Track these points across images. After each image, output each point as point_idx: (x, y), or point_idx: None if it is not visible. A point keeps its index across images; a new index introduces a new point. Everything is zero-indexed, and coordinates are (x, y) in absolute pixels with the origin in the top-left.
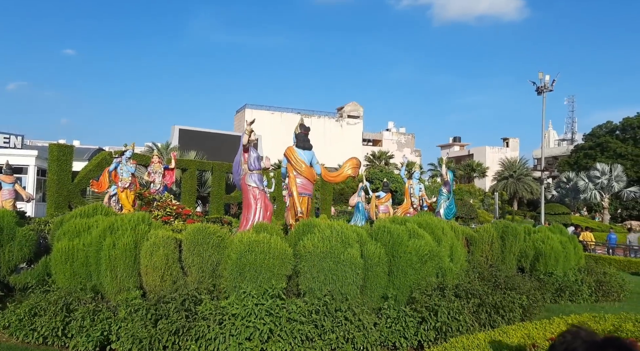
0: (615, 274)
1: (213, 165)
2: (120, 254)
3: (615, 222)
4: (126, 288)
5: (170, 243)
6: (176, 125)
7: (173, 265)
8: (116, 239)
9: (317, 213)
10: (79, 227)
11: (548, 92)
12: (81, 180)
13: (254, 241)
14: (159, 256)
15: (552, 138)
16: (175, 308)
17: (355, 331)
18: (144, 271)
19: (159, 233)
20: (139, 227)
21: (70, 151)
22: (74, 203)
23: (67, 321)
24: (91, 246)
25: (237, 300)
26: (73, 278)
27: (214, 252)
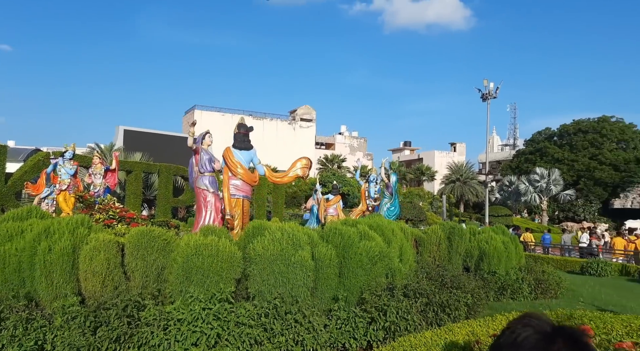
0: (552, 272)
1: (160, 167)
2: (57, 259)
3: (553, 223)
4: (63, 294)
5: (112, 247)
6: (121, 126)
7: (115, 269)
8: (52, 243)
9: (268, 216)
10: (12, 230)
11: (492, 99)
12: (15, 182)
13: (202, 244)
14: (100, 260)
15: (496, 144)
16: (116, 314)
17: (305, 334)
18: (83, 277)
19: (100, 236)
20: (78, 230)
21: (4, 151)
22: (7, 207)
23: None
24: (25, 251)
25: (183, 305)
26: (4, 285)
27: (159, 255)
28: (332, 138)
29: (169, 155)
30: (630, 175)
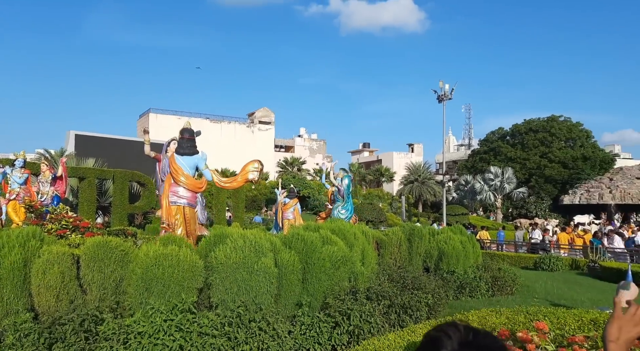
0: (508, 270)
1: (114, 173)
2: (7, 274)
3: (507, 221)
4: (15, 311)
5: (67, 259)
6: (72, 130)
7: (70, 283)
8: (2, 257)
9: (229, 221)
10: None
11: (448, 100)
12: None
13: (161, 254)
14: (54, 274)
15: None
16: (72, 329)
17: (270, 341)
18: (35, 292)
19: (53, 249)
20: (29, 243)
21: None
22: None
23: None
24: None
25: (144, 317)
26: None
27: (116, 267)
28: (291, 141)
29: (123, 161)
30: (577, 172)
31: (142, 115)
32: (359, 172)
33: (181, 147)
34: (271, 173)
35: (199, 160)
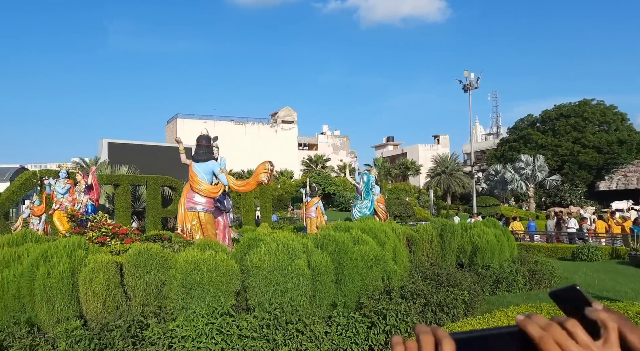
0: (545, 262)
1: (147, 178)
2: (57, 283)
3: (541, 210)
4: (65, 318)
5: (111, 267)
6: (104, 139)
7: (115, 289)
8: (51, 267)
9: (257, 221)
10: (8, 256)
11: (474, 89)
12: (4, 202)
13: (200, 259)
14: (99, 282)
15: (480, 133)
16: (120, 335)
17: (308, 342)
18: (83, 299)
19: (98, 257)
20: (75, 252)
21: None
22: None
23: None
24: (23, 276)
25: (186, 321)
26: (5, 312)
27: (158, 273)
28: (314, 139)
29: (154, 166)
30: (613, 157)
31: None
32: (384, 167)
33: (197, 153)
34: (296, 171)
35: (214, 166)
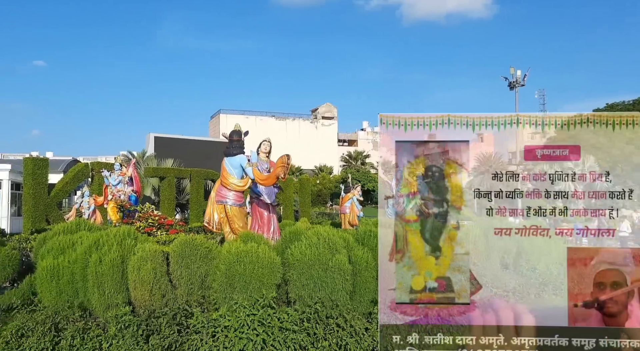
0: None
1: (191, 172)
2: (108, 270)
3: None
4: (115, 304)
5: (158, 256)
6: (151, 133)
7: (161, 278)
8: (102, 255)
9: (296, 215)
10: (63, 244)
11: (520, 86)
12: (58, 192)
13: (242, 251)
14: (147, 270)
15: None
16: (167, 322)
17: (348, 338)
18: (132, 286)
19: (146, 247)
20: (125, 241)
21: (45, 164)
22: (51, 217)
23: (57, 341)
24: (77, 263)
25: (229, 312)
26: (59, 296)
27: (202, 263)
28: (354, 135)
29: (198, 160)
30: None
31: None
32: None
33: (228, 148)
34: (335, 167)
35: (242, 160)
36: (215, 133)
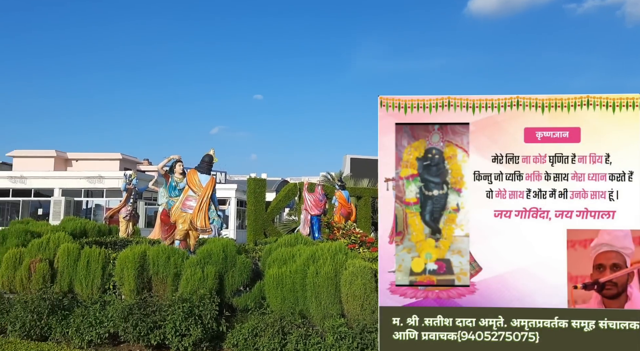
0: None
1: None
2: (323, 282)
3: None
4: (330, 314)
5: (367, 272)
6: (348, 155)
7: (371, 294)
8: (318, 268)
9: None
10: (285, 255)
11: None
12: (272, 209)
13: None
14: (358, 285)
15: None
16: None
17: None
18: (344, 299)
19: (356, 262)
20: (337, 256)
21: (263, 184)
22: (268, 231)
23: (284, 343)
24: (297, 273)
25: None
26: (283, 302)
27: None
28: None
29: None
30: None
31: None
32: None
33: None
34: None
35: None
36: None
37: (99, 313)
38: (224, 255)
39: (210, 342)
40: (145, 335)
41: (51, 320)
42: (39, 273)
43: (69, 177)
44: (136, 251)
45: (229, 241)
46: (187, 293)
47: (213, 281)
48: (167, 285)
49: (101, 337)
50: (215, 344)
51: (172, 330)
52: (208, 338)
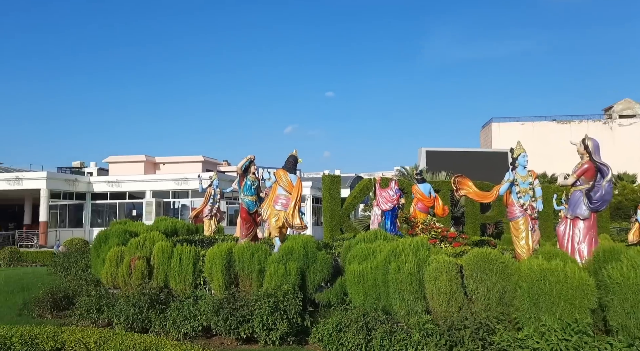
0: None
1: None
2: (406, 278)
3: None
4: (415, 311)
5: (452, 268)
6: (423, 148)
7: (457, 290)
8: (400, 263)
9: None
10: (365, 251)
11: None
12: (348, 206)
13: (546, 269)
14: (443, 281)
15: None
16: (470, 336)
17: None
18: (429, 296)
19: (440, 258)
20: (420, 251)
21: (338, 180)
22: (344, 227)
23: (368, 339)
24: (378, 269)
25: (536, 333)
26: (366, 298)
27: (498, 279)
28: None
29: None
30: None
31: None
32: None
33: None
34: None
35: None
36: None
37: (192, 307)
38: (304, 251)
39: (296, 336)
40: (235, 328)
41: (150, 314)
42: (138, 270)
43: (157, 179)
44: (222, 248)
45: (309, 238)
46: (272, 289)
47: (295, 277)
48: (252, 281)
49: (195, 330)
50: (301, 338)
51: (259, 324)
52: (294, 332)
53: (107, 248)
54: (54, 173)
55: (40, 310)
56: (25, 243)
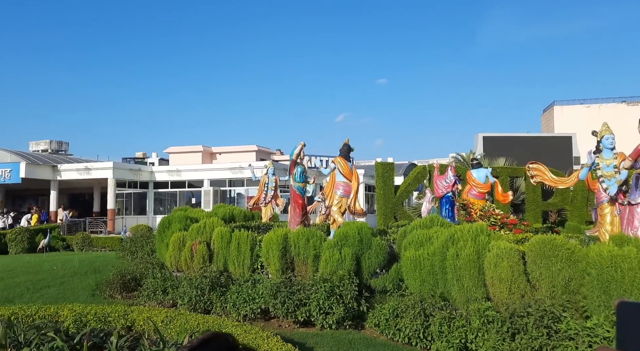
0: None
1: (525, 170)
2: (464, 264)
3: None
4: (474, 298)
5: (514, 254)
6: (480, 133)
7: (519, 277)
8: (459, 250)
9: None
10: (421, 237)
11: None
12: (402, 193)
13: (618, 255)
14: (504, 268)
15: None
16: (534, 323)
17: None
18: (489, 283)
19: (501, 244)
20: (479, 238)
21: (392, 168)
22: (398, 215)
23: (426, 325)
24: (435, 256)
25: (607, 322)
26: (422, 284)
27: (564, 265)
28: None
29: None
30: None
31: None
32: None
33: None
34: None
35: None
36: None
37: (251, 290)
38: (359, 237)
39: (352, 321)
40: (293, 311)
41: (212, 296)
42: (199, 254)
43: (215, 168)
44: (279, 234)
45: (363, 224)
46: (327, 274)
47: (351, 263)
48: (308, 266)
49: (254, 312)
50: (357, 323)
51: (316, 307)
52: (350, 317)
53: (170, 233)
54: (120, 163)
55: (111, 290)
56: (95, 230)
